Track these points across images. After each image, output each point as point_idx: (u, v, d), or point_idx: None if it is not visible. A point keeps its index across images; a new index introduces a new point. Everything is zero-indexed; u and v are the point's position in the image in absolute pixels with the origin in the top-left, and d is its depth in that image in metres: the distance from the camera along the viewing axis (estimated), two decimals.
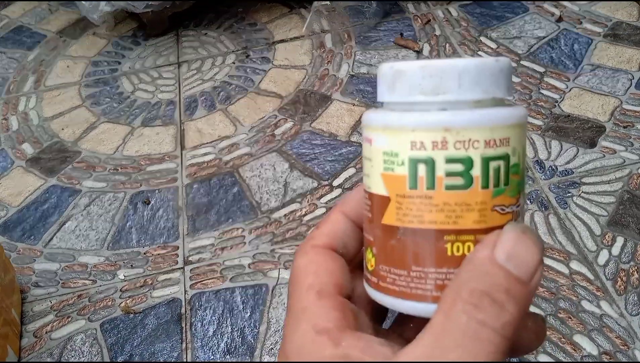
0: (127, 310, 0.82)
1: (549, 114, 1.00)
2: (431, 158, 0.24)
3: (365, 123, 0.26)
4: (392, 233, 0.25)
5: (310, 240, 0.28)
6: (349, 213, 0.29)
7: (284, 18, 1.32)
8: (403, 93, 0.25)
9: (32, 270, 0.89)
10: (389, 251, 0.25)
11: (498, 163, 0.24)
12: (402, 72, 0.25)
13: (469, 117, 0.24)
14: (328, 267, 0.26)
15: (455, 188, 0.24)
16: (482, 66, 0.24)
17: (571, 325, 0.74)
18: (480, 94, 0.24)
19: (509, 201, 0.24)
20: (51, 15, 1.44)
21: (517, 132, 0.25)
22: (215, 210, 0.94)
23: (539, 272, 0.23)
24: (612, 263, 0.80)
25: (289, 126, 1.06)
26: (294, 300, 0.26)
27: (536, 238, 0.23)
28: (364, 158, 0.27)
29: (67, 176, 1.02)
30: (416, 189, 0.24)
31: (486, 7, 1.24)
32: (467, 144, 0.23)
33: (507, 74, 0.25)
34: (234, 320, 0.80)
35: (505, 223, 0.24)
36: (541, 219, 0.86)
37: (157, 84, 1.20)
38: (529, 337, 0.26)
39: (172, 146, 1.06)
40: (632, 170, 0.90)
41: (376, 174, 0.25)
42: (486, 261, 0.22)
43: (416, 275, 0.24)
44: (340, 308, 0.25)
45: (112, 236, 0.92)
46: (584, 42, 1.12)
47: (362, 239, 0.28)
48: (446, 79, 0.24)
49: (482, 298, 0.22)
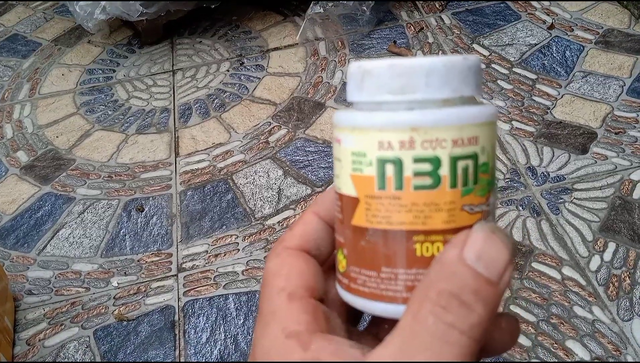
0: (121, 318, 0.82)
1: (540, 120, 1.01)
2: (399, 158, 0.23)
3: (335, 123, 0.26)
4: (362, 234, 0.25)
5: (282, 241, 0.28)
6: (322, 214, 0.28)
7: (278, 26, 1.32)
8: (371, 92, 0.24)
9: (26, 278, 0.89)
10: (359, 253, 0.25)
11: (466, 162, 0.24)
12: (370, 71, 0.24)
13: (436, 116, 0.23)
14: (300, 269, 0.26)
15: (423, 188, 0.23)
16: (450, 65, 0.24)
17: (563, 331, 0.75)
18: (448, 92, 0.24)
19: (478, 200, 0.24)
20: (46, 24, 1.44)
21: (486, 131, 0.24)
22: (209, 217, 0.94)
23: (509, 272, 0.23)
24: (604, 268, 0.80)
25: (282, 133, 1.06)
26: (264, 303, 0.25)
27: (506, 237, 0.23)
28: (334, 159, 0.26)
29: (61, 184, 1.03)
30: (384, 189, 0.24)
31: (478, 15, 1.25)
32: (435, 143, 0.23)
33: (475, 72, 0.24)
34: (228, 327, 0.80)
35: (474, 222, 0.24)
36: (533, 226, 0.86)
37: (151, 91, 1.20)
38: (502, 337, 0.25)
39: (166, 153, 1.06)
40: (624, 176, 0.91)
41: (345, 175, 0.25)
42: (455, 262, 0.22)
43: (386, 276, 0.24)
44: (311, 310, 0.24)
45: (105, 244, 0.92)
46: (575, 49, 1.13)
47: (335, 240, 0.28)
48: (413, 78, 0.23)
49: (450, 299, 0.21)
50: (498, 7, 1.26)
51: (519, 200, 0.89)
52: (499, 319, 0.25)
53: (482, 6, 1.27)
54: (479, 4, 1.28)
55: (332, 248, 0.28)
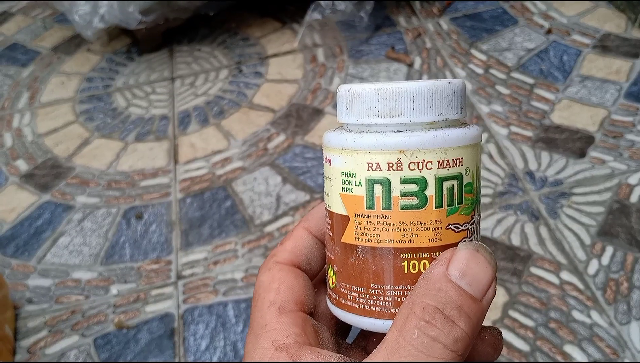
0: (120, 325, 0.82)
1: (538, 125, 1.01)
2: (387, 178, 0.25)
3: (325, 143, 0.27)
4: (351, 251, 0.26)
5: (273, 256, 0.29)
6: (313, 230, 0.29)
7: (277, 33, 1.33)
8: (359, 115, 0.25)
9: (26, 286, 0.89)
10: (349, 269, 0.26)
11: (451, 182, 0.25)
12: (358, 95, 0.25)
13: (422, 139, 0.24)
14: (290, 284, 0.27)
15: (410, 208, 0.25)
16: (435, 89, 0.25)
17: (562, 335, 0.75)
18: (433, 116, 0.25)
19: (463, 219, 0.25)
20: (46, 32, 1.45)
21: (470, 153, 0.25)
22: (208, 224, 0.94)
23: (492, 290, 0.23)
24: (602, 272, 0.80)
25: (281, 139, 1.07)
26: (255, 317, 0.26)
27: (490, 256, 0.24)
28: (325, 177, 0.27)
29: (61, 192, 1.03)
30: (373, 209, 0.25)
31: (476, 20, 1.26)
32: (422, 165, 0.24)
33: (460, 95, 0.26)
34: (227, 334, 0.80)
35: (459, 240, 0.25)
36: (532, 230, 0.86)
37: (150, 99, 1.21)
38: (486, 349, 0.26)
39: (165, 160, 1.06)
40: (621, 180, 0.91)
41: (335, 194, 0.26)
42: (440, 278, 0.23)
43: (375, 293, 0.25)
44: (301, 324, 0.25)
45: (105, 252, 0.93)
46: (573, 54, 1.14)
47: (325, 255, 0.29)
48: (400, 102, 0.25)
49: (435, 314, 0.22)
50: (496, 12, 1.27)
51: (517, 205, 0.90)
52: (483, 332, 0.26)
53: (479, 11, 1.28)
54: (477, 9, 1.28)
55: (322, 262, 0.29)
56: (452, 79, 0.26)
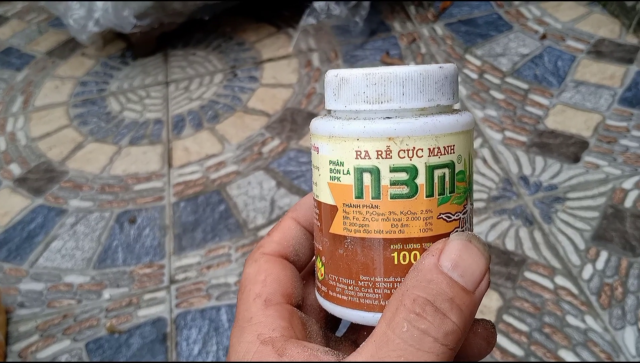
0: (112, 330, 0.81)
1: (533, 130, 1.01)
2: (376, 167, 0.24)
3: (312, 131, 0.26)
4: (340, 242, 0.25)
5: (260, 247, 0.28)
6: (301, 220, 0.28)
7: (272, 37, 1.33)
8: (347, 101, 0.25)
9: (18, 290, 0.89)
10: (337, 261, 0.25)
11: (443, 170, 0.24)
12: (346, 80, 0.24)
13: (412, 126, 0.23)
14: (277, 276, 0.26)
15: (400, 197, 0.24)
16: (426, 74, 0.24)
17: (556, 340, 0.74)
18: (424, 102, 0.24)
19: (455, 208, 0.24)
20: (40, 36, 1.45)
21: (462, 140, 0.24)
22: (201, 228, 0.94)
23: (485, 282, 0.23)
24: (597, 277, 0.80)
25: (275, 143, 1.07)
26: (240, 309, 0.25)
27: (482, 247, 0.23)
28: (312, 166, 0.26)
29: (54, 196, 1.02)
30: (362, 198, 0.24)
31: (471, 26, 1.26)
32: (412, 152, 0.23)
33: (452, 80, 0.25)
34: (220, 339, 0.79)
35: (451, 230, 0.24)
36: (526, 235, 0.86)
37: (144, 103, 1.20)
38: (479, 342, 0.25)
39: (159, 164, 1.06)
40: (615, 185, 0.91)
41: (323, 183, 0.25)
42: (431, 269, 0.22)
43: (364, 285, 0.24)
44: (287, 317, 0.25)
45: (98, 256, 0.92)
46: (567, 59, 1.14)
47: (314, 246, 0.28)
48: (390, 88, 0.24)
49: (425, 306, 0.21)
50: (490, 17, 1.27)
51: (512, 209, 0.90)
52: (476, 324, 0.25)
53: (474, 17, 1.28)
54: (472, 14, 1.29)
55: (311, 253, 0.28)
56: (443, 64, 0.25)
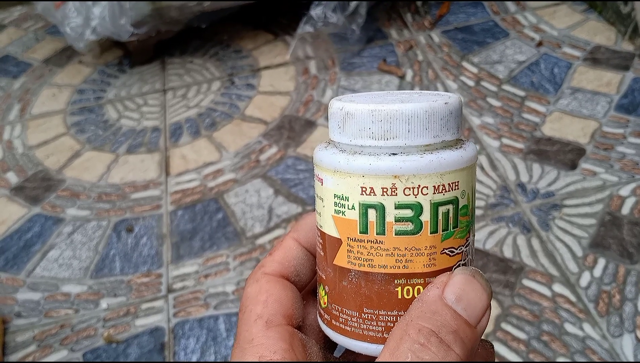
0: (110, 340, 0.81)
1: (530, 137, 1.02)
2: (381, 203, 0.24)
3: (316, 162, 0.26)
4: (344, 274, 0.25)
5: (262, 267, 0.28)
6: (302, 241, 0.28)
7: (269, 45, 1.33)
8: (353, 136, 0.25)
9: (15, 300, 0.88)
10: (341, 292, 0.25)
11: (447, 207, 0.24)
12: (352, 114, 0.24)
13: (418, 164, 0.24)
14: (278, 296, 0.26)
15: (405, 233, 0.24)
16: (431, 111, 0.24)
17: (554, 348, 0.74)
18: (429, 139, 0.24)
19: (458, 242, 0.25)
20: (37, 44, 1.45)
21: (466, 175, 0.25)
22: (199, 237, 0.94)
23: (486, 317, 0.23)
24: (594, 285, 0.80)
25: (273, 151, 1.07)
26: (241, 330, 0.26)
27: (485, 283, 0.24)
28: (316, 195, 0.27)
29: (51, 205, 1.02)
30: (367, 233, 0.24)
31: (467, 33, 1.26)
32: (417, 190, 0.24)
33: (457, 115, 0.25)
34: (218, 348, 0.79)
35: (455, 264, 0.25)
36: (524, 242, 0.86)
37: (142, 111, 1.20)
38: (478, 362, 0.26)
39: (156, 173, 1.06)
40: (613, 192, 0.91)
41: (328, 215, 0.25)
42: (436, 301, 0.23)
43: (367, 317, 0.25)
44: (288, 339, 0.25)
45: (95, 265, 0.92)
46: (563, 66, 1.14)
47: (315, 266, 0.28)
48: (395, 125, 0.24)
49: (430, 337, 0.21)
50: (487, 24, 1.27)
51: (509, 217, 0.90)
52: None
53: (471, 24, 1.28)
54: (468, 22, 1.29)
55: (311, 274, 0.29)
56: (448, 98, 0.25)
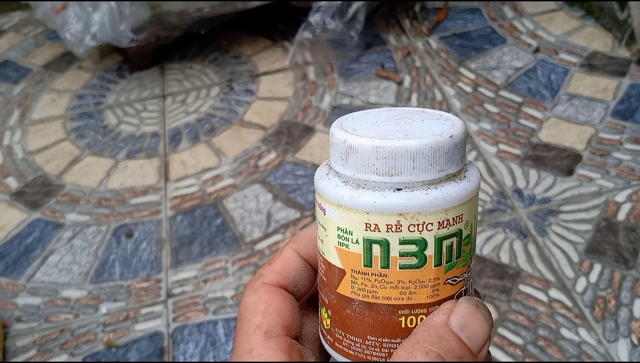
0: (110, 344, 0.82)
1: (527, 143, 1.02)
2: (386, 239, 0.24)
3: (318, 191, 0.26)
4: (348, 303, 0.25)
5: (260, 276, 0.28)
6: (302, 252, 0.29)
7: (268, 51, 1.34)
8: (356, 170, 0.24)
9: (15, 305, 0.89)
10: (345, 319, 0.26)
11: (451, 240, 0.24)
12: (355, 149, 0.24)
13: (422, 202, 0.24)
14: (277, 307, 0.26)
15: (409, 267, 0.24)
16: (437, 147, 0.24)
17: (550, 353, 0.75)
18: (434, 174, 0.24)
19: (461, 271, 0.25)
20: (37, 50, 1.45)
21: (469, 206, 0.25)
22: (198, 242, 0.94)
23: (486, 348, 0.24)
24: (590, 290, 0.81)
25: (272, 157, 1.07)
26: (240, 340, 0.26)
27: (488, 314, 0.24)
28: (318, 223, 0.27)
29: (51, 210, 1.03)
30: (371, 267, 0.25)
31: (465, 39, 1.27)
32: (422, 227, 0.24)
33: (461, 146, 0.25)
34: (217, 353, 0.80)
35: (457, 291, 0.25)
36: (520, 248, 0.87)
37: (141, 117, 1.21)
38: None
39: (156, 178, 1.07)
40: (609, 198, 0.92)
41: (331, 245, 0.26)
42: (442, 327, 0.23)
43: (371, 344, 0.25)
44: (287, 350, 0.25)
45: (95, 270, 0.92)
46: (560, 73, 1.15)
47: (314, 278, 0.29)
48: (400, 161, 0.24)
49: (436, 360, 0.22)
50: (484, 31, 1.28)
51: (506, 222, 0.90)
52: None
53: (468, 30, 1.29)
54: (466, 28, 1.30)
55: (309, 285, 0.29)
56: (452, 127, 0.25)
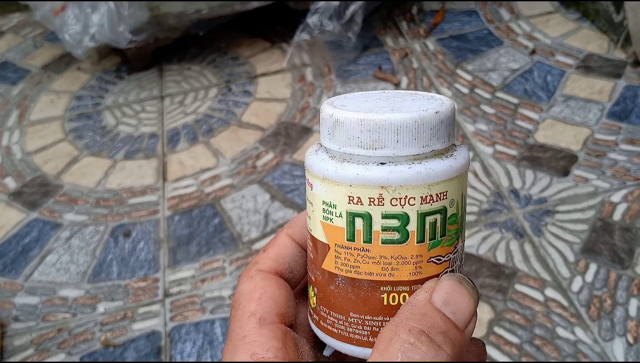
0: (107, 344, 0.82)
1: (523, 144, 1.03)
2: (368, 213, 0.24)
3: (307, 166, 0.26)
4: (332, 279, 0.26)
5: (256, 263, 0.28)
6: (296, 237, 0.28)
7: (266, 52, 1.34)
8: (342, 143, 0.25)
9: (13, 304, 0.89)
10: (329, 296, 0.26)
11: (435, 216, 0.24)
12: (341, 123, 0.24)
13: (405, 175, 0.24)
14: (272, 294, 0.26)
15: (391, 242, 0.24)
16: (421, 121, 0.24)
17: (546, 352, 0.75)
18: (418, 149, 0.24)
19: (446, 250, 0.25)
20: (36, 51, 1.46)
21: (455, 184, 0.25)
22: (196, 242, 0.95)
23: (473, 323, 0.23)
24: (586, 289, 0.81)
25: (270, 157, 1.08)
26: (234, 326, 0.26)
27: (472, 290, 0.24)
28: (307, 199, 0.27)
29: (49, 210, 1.03)
30: (354, 241, 0.25)
31: (462, 41, 1.28)
32: (404, 201, 0.24)
33: (448, 123, 0.25)
34: (214, 352, 0.80)
35: (442, 271, 0.25)
36: (516, 248, 0.87)
37: (140, 117, 1.21)
38: (471, 358, 0.26)
39: (154, 178, 1.07)
40: (604, 198, 0.92)
41: (317, 220, 0.26)
42: (425, 304, 0.23)
43: (354, 321, 0.25)
44: (281, 337, 0.25)
45: (92, 269, 0.93)
46: (556, 74, 1.16)
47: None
48: (384, 135, 0.24)
49: (420, 336, 0.22)
50: (481, 33, 1.29)
51: (502, 222, 0.91)
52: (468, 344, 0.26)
53: (465, 32, 1.30)
54: (463, 30, 1.31)
55: (304, 271, 0.29)
56: (440, 105, 0.25)
